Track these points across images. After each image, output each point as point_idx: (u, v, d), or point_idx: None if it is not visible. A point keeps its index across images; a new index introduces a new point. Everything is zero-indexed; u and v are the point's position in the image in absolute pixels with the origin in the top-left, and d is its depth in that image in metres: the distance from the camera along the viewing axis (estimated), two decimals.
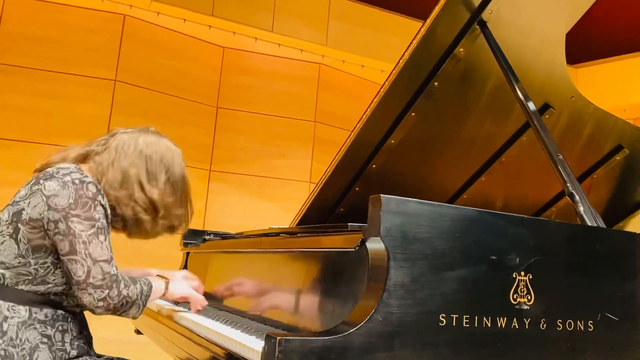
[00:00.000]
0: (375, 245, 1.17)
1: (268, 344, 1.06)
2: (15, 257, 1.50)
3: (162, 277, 1.80)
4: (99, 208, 1.53)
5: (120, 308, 1.53)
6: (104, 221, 1.54)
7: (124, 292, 1.52)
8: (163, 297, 1.78)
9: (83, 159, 1.65)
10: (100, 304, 1.49)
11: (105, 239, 1.52)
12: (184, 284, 1.87)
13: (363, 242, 1.22)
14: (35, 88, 5.53)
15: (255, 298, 1.87)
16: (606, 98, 5.61)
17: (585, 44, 6.27)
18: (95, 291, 1.47)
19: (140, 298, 1.57)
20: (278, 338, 1.04)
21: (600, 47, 6.65)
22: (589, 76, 6.68)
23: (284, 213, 5.55)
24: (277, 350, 1.03)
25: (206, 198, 6.27)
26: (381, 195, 1.16)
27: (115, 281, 1.50)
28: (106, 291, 1.48)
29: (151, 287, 1.63)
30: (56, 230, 1.48)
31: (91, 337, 1.70)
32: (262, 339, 1.25)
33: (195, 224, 3.22)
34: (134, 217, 1.63)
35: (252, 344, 1.31)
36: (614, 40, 6.59)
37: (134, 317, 1.60)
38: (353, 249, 1.28)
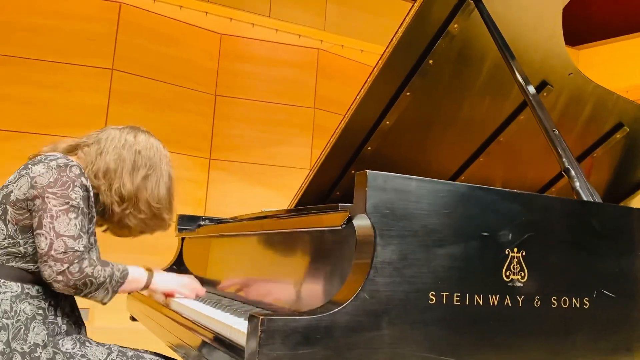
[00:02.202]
0: (361, 222, 1.14)
1: (251, 324, 1.03)
2: (5, 238, 1.53)
3: (148, 268, 1.72)
4: (78, 189, 1.54)
5: (83, 287, 1.47)
6: (81, 202, 1.54)
7: (87, 271, 1.46)
8: (146, 289, 1.70)
9: (72, 150, 1.71)
10: (60, 277, 1.44)
11: (76, 217, 1.50)
12: (172, 277, 1.81)
13: (350, 219, 1.19)
14: (32, 78, 5.49)
15: (249, 281, 1.84)
16: (608, 79, 5.52)
17: (587, 25, 6.19)
18: (55, 264, 1.44)
19: (109, 282, 1.51)
20: (260, 318, 1.01)
21: (602, 28, 6.56)
22: (591, 58, 6.59)
23: (285, 200, 5.50)
24: (259, 330, 1.00)
25: (206, 187, 6.25)
26: (367, 171, 1.13)
27: (78, 257, 1.46)
28: (66, 265, 1.44)
29: (126, 274, 1.57)
30: (34, 207, 1.51)
31: (82, 321, 1.70)
32: None
33: (196, 213, 3.18)
34: (110, 208, 1.65)
35: (239, 325, 1.28)
36: (616, 21, 6.49)
37: (103, 302, 1.55)
38: (341, 227, 1.24)
